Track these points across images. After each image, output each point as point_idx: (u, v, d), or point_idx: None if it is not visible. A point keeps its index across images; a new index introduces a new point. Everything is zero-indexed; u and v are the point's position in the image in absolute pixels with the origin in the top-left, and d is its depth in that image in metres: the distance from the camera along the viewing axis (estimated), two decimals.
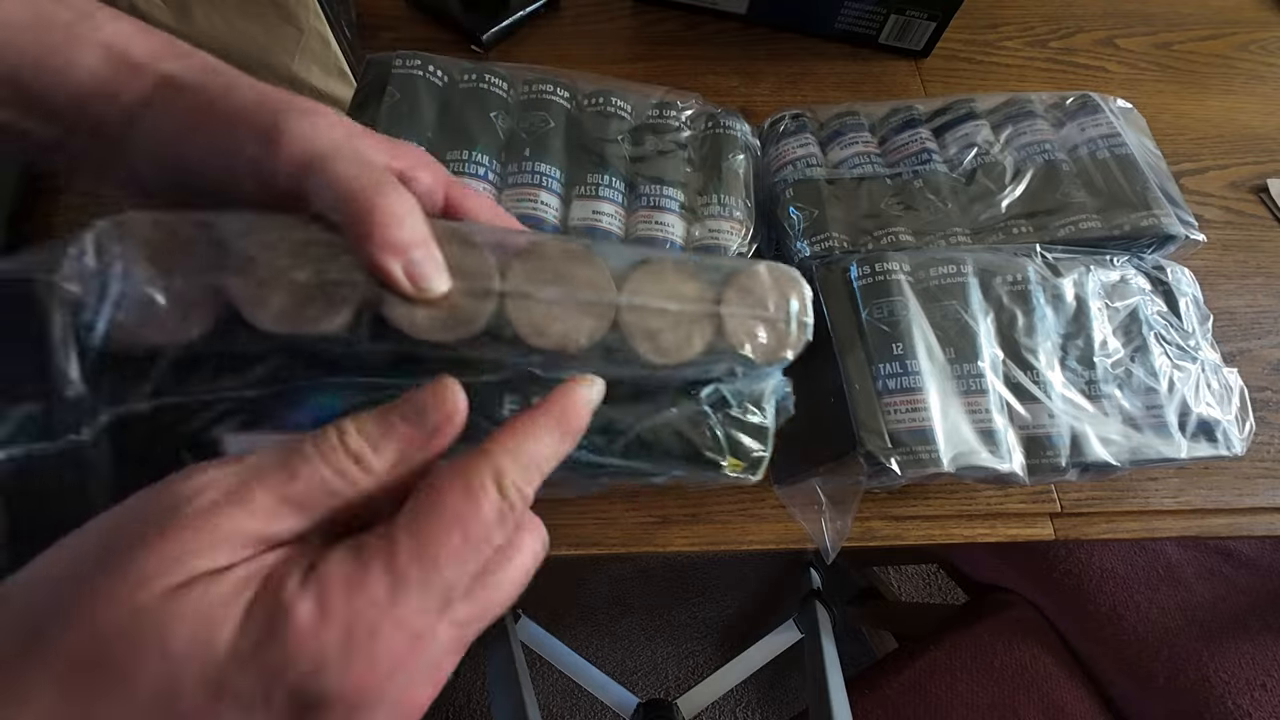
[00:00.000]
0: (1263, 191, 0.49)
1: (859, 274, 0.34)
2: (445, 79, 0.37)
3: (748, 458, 0.25)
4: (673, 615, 1.02)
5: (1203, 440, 0.33)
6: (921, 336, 0.32)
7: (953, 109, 0.42)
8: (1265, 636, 0.54)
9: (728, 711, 0.97)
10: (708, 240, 0.36)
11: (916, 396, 0.31)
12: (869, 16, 0.51)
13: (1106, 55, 0.56)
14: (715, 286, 0.22)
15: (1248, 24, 0.60)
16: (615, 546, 0.35)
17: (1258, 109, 0.54)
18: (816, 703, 0.57)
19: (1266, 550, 0.59)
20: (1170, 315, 0.35)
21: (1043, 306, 0.34)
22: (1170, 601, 0.56)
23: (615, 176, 0.37)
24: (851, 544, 0.34)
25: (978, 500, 0.37)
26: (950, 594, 1.05)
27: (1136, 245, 0.38)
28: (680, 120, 0.39)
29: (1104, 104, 0.41)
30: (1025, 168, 0.39)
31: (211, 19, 0.39)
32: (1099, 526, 0.37)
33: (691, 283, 0.22)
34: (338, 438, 0.16)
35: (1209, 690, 0.52)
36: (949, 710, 0.55)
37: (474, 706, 0.95)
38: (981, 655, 0.58)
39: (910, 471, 0.31)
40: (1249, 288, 0.45)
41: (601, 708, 0.94)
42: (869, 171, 0.39)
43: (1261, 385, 0.42)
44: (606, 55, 0.52)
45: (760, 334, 0.22)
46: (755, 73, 0.52)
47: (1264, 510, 0.38)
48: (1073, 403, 0.33)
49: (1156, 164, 0.40)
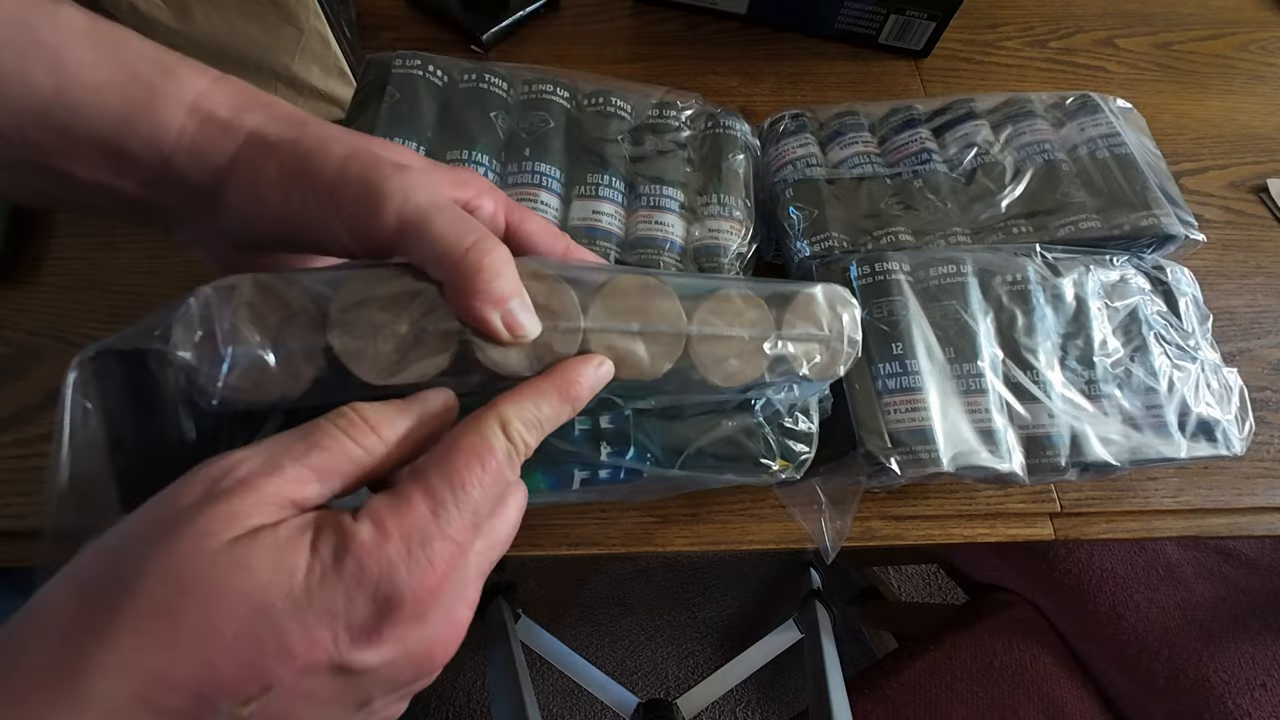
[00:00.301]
0: (1263, 191, 0.49)
1: (859, 274, 0.34)
2: (445, 79, 0.37)
3: (795, 459, 0.28)
4: (673, 615, 1.02)
5: (1202, 440, 0.33)
6: (921, 336, 0.32)
7: (952, 109, 0.42)
8: (1265, 636, 0.54)
9: (728, 711, 0.97)
10: (708, 240, 0.36)
11: (916, 396, 0.31)
12: (869, 16, 0.51)
13: (1106, 55, 0.56)
14: (776, 310, 0.24)
15: (1248, 24, 0.60)
16: (615, 546, 0.35)
17: (1258, 109, 0.54)
18: (816, 703, 0.57)
19: (1266, 550, 0.59)
20: (1170, 315, 0.35)
21: (1042, 306, 0.34)
22: (1170, 601, 0.56)
23: (615, 176, 0.37)
24: (851, 544, 0.34)
25: (977, 500, 0.37)
26: (950, 594, 1.05)
27: (1136, 245, 0.38)
28: (680, 120, 0.39)
29: (1104, 104, 0.41)
30: (1025, 168, 0.39)
31: (211, 19, 0.39)
32: (1099, 526, 0.37)
33: (754, 310, 0.24)
34: (356, 413, 0.18)
35: (1209, 690, 0.52)
36: (949, 710, 0.55)
37: (474, 706, 0.95)
38: (981, 655, 0.58)
39: (910, 471, 0.31)
40: (1249, 288, 0.45)
41: (601, 708, 0.94)
42: (869, 171, 0.39)
43: (1261, 385, 0.42)
44: (606, 55, 0.52)
45: (816, 355, 0.24)
46: (755, 73, 0.52)
47: (1264, 510, 0.38)
48: (1072, 402, 0.33)
49: (1156, 164, 0.40)
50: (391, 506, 0.16)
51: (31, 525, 0.33)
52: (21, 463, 0.35)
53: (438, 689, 0.96)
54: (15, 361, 0.37)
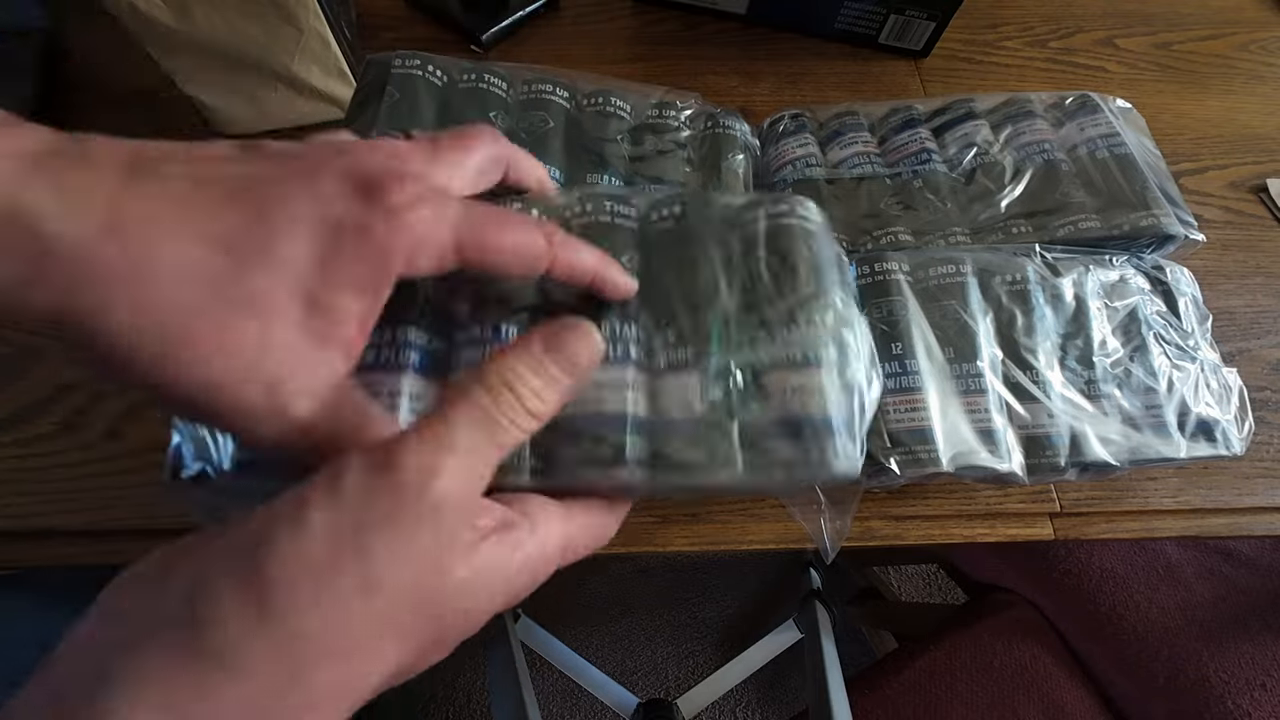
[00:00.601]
0: (1263, 191, 0.49)
1: (858, 274, 0.34)
2: (445, 79, 0.37)
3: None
4: (673, 615, 1.02)
5: (1202, 440, 0.33)
6: (920, 336, 0.32)
7: (952, 109, 0.42)
8: (1265, 636, 0.54)
9: (728, 711, 0.97)
10: None
11: (915, 396, 0.31)
12: (869, 16, 0.51)
13: (1106, 55, 0.56)
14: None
15: (1248, 24, 0.60)
16: (615, 546, 0.35)
17: (1258, 109, 0.54)
18: (816, 703, 0.57)
19: (1266, 550, 0.59)
20: (1169, 315, 0.35)
21: (1042, 306, 0.34)
22: (1170, 601, 0.56)
23: (615, 176, 0.37)
24: (851, 544, 0.34)
25: (977, 500, 0.37)
26: (950, 594, 1.05)
27: (1136, 245, 0.38)
28: (680, 120, 0.39)
29: (1103, 104, 0.41)
30: (1024, 167, 0.39)
31: (211, 19, 0.39)
32: (1098, 526, 0.37)
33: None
34: (521, 406, 0.18)
35: (1209, 690, 0.52)
36: (949, 710, 0.55)
37: (474, 706, 0.95)
38: (981, 655, 0.58)
39: (909, 471, 0.31)
40: (1249, 288, 0.45)
41: (601, 708, 0.94)
42: (868, 171, 0.39)
43: (1261, 385, 0.42)
44: (606, 55, 0.52)
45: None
46: (755, 73, 0.52)
47: (1264, 510, 0.38)
48: (1072, 402, 0.33)
49: (1156, 164, 0.40)
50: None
51: (31, 525, 0.34)
52: (21, 463, 0.35)
53: (438, 689, 0.97)
54: (16, 361, 0.37)
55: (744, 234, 0.25)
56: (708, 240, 0.25)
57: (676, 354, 0.23)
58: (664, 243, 0.25)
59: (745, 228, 0.25)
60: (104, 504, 0.34)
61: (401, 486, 0.15)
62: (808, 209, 0.26)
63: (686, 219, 0.25)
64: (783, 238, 0.25)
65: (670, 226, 0.26)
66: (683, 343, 0.23)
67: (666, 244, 0.25)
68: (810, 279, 0.24)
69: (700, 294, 0.24)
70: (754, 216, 0.25)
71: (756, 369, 0.22)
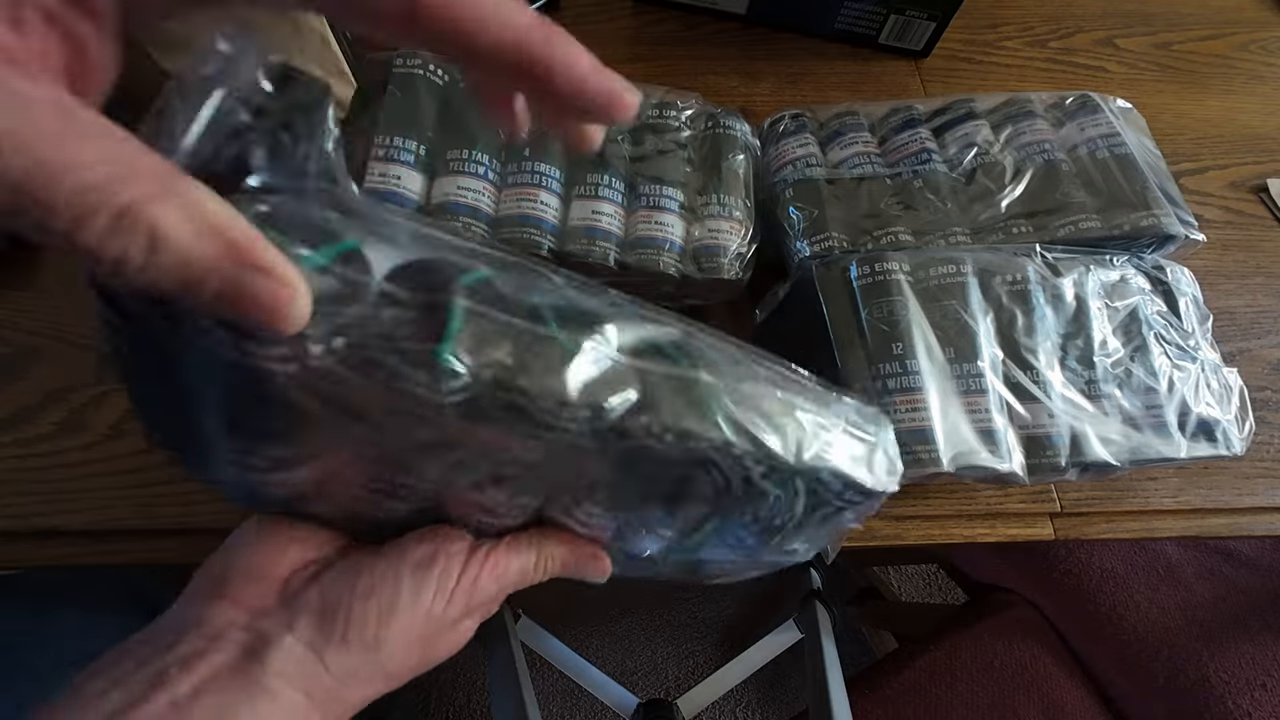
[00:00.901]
0: (1263, 191, 0.49)
1: (859, 274, 0.34)
2: (446, 78, 0.37)
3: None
4: (673, 615, 1.02)
5: (1202, 440, 0.33)
6: (921, 336, 0.32)
7: (952, 109, 0.42)
8: (1265, 636, 0.54)
9: (728, 711, 0.97)
10: (707, 240, 0.36)
11: (916, 396, 0.31)
12: (869, 16, 0.51)
13: (1106, 55, 0.56)
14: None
15: (1248, 24, 0.60)
16: None
17: (1258, 109, 0.54)
18: (816, 703, 0.57)
19: (1266, 550, 0.59)
20: (1170, 315, 0.35)
21: (1042, 306, 0.34)
22: (1170, 601, 0.56)
23: (615, 176, 0.37)
24: (851, 544, 0.34)
25: (977, 500, 0.37)
26: (950, 594, 1.05)
27: (1136, 245, 0.38)
28: (680, 120, 0.39)
29: (1104, 104, 0.41)
30: (1025, 167, 0.39)
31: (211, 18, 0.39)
32: (1099, 526, 0.37)
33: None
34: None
35: (1209, 690, 0.52)
36: (949, 710, 0.55)
37: (474, 706, 0.95)
38: (981, 655, 0.58)
39: (910, 471, 0.30)
40: (1249, 287, 0.45)
41: (601, 708, 0.94)
42: (869, 171, 0.39)
43: (1261, 385, 0.42)
44: (606, 55, 0.51)
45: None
46: (755, 73, 0.52)
47: (1264, 510, 0.38)
48: (1072, 402, 0.33)
49: (1156, 164, 0.40)
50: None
51: (31, 525, 0.33)
52: (21, 463, 0.35)
53: (438, 689, 0.97)
54: (15, 362, 0.37)
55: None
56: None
57: None
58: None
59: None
60: (104, 504, 0.34)
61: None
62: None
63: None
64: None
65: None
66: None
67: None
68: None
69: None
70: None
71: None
